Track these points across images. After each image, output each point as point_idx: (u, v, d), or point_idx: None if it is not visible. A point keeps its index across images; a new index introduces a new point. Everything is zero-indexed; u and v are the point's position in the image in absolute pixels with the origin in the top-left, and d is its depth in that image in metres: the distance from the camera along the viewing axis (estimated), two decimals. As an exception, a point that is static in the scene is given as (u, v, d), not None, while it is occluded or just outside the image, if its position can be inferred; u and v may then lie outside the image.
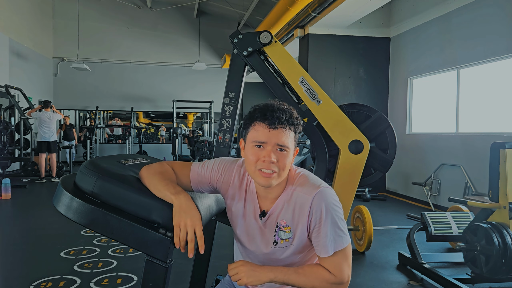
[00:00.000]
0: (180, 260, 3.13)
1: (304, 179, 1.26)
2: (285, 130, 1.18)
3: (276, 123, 1.16)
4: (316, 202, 1.20)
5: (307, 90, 3.54)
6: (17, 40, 9.66)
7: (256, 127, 1.19)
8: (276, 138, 1.17)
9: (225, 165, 1.33)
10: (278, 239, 1.27)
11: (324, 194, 1.21)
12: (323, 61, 7.07)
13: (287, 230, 1.26)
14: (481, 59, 5.22)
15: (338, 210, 1.22)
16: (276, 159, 1.17)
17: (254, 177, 1.21)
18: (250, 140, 1.21)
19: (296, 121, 1.21)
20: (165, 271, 1.12)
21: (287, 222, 1.25)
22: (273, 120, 1.16)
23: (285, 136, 1.18)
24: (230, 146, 3.74)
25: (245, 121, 1.24)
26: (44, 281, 2.91)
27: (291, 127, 1.19)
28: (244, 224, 1.32)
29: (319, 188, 1.22)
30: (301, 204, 1.23)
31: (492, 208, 2.97)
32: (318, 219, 1.20)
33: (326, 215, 1.19)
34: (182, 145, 10.66)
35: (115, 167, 1.27)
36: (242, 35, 3.70)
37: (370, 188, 6.79)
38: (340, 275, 1.21)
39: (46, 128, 7.90)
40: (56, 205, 1.17)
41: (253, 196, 1.30)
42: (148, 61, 12.70)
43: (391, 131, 3.65)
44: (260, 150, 1.18)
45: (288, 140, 1.18)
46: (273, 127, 1.17)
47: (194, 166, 1.33)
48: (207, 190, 1.35)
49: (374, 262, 3.52)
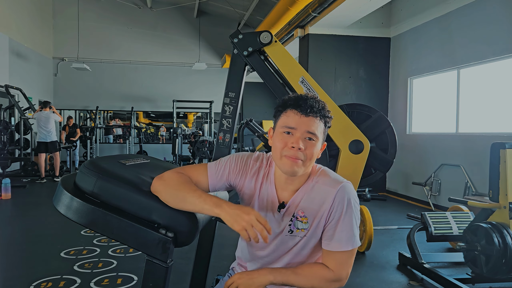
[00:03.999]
0: (180, 260, 3.13)
1: (326, 174, 1.28)
2: (315, 119, 1.18)
3: (308, 110, 1.18)
4: (340, 195, 1.21)
5: (307, 90, 3.54)
6: (17, 40, 9.66)
7: (288, 113, 1.20)
8: (306, 125, 1.17)
9: (241, 159, 1.32)
10: (294, 228, 1.26)
11: (348, 189, 1.23)
12: (323, 61, 7.07)
13: (303, 221, 1.25)
14: (481, 59, 5.22)
15: (358, 207, 1.24)
16: (304, 147, 1.17)
17: (280, 164, 1.20)
18: (280, 125, 1.21)
19: (328, 114, 1.22)
20: (165, 271, 1.12)
21: (305, 213, 1.25)
22: (305, 107, 1.18)
23: (315, 125, 1.18)
24: (230, 146, 3.74)
25: (277, 108, 1.25)
26: (44, 281, 2.91)
27: (322, 118, 1.20)
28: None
29: (343, 182, 1.23)
30: (323, 196, 1.23)
31: (492, 208, 2.97)
32: (339, 212, 1.21)
33: (347, 210, 1.21)
34: (182, 145, 10.66)
35: (115, 167, 1.27)
36: (242, 35, 3.70)
37: (370, 188, 6.79)
38: (339, 272, 1.22)
39: (43, 128, 7.92)
40: (56, 205, 1.17)
41: (272, 188, 1.29)
42: (148, 61, 12.70)
43: (391, 131, 3.65)
44: (288, 136, 1.19)
45: (318, 129, 1.19)
46: (304, 114, 1.18)
47: (211, 169, 1.30)
48: (223, 188, 1.33)
49: (374, 262, 3.52)
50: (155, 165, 1.49)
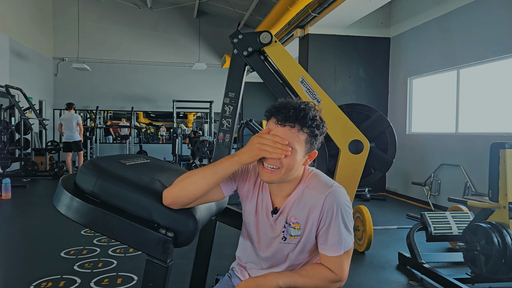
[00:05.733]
0: (180, 260, 3.13)
1: (317, 178, 1.27)
2: (293, 130, 1.13)
3: (284, 120, 1.13)
4: (329, 201, 1.21)
5: (307, 90, 3.54)
6: (17, 40, 9.66)
7: (270, 120, 1.18)
8: (282, 135, 1.13)
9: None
10: (287, 235, 1.27)
11: (337, 193, 1.22)
12: (323, 61, 7.07)
13: (296, 227, 1.26)
14: (481, 59, 5.22)
15: (349, 210, 1.24)
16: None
17: (260, 173, 1.21)
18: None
19: (314, 122, 1.15)
20: (165, 271, 1.13)
21: (297, 219, 1.26)
22: (284, 116, 1.13)
23: (291, 135, 1.13)
24: (230, 146, 3.74)
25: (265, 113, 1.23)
26: (44, 281, 2.91)
27: (303, 128, 1.14)
28: (256, 221, 1.33)
29: (332, 187, 1.22)
30: (313, 202, 1.23)
31: (492, 208, 2.97)
32: (329, 218, 1.21)
33: (337, 214, 1.21)
34: (182, 145, 10.66)
35: (115, 167, 1.27)
36: (242, 35, 3.70)
37: (370, 188, 6.79)
38: (340, 273, 1.24)
39: (66, 128, 8.51)
40: (56, 205, 1.18)
41: (266, 193, 1.30)
42: (148, 61, 12.70)
43: (391, 131, 3.65)
44: None
45: (295, 140, 1.14)
46: (281, 123, 1.14)
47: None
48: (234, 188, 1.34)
49: (374, 262, 3.52)
50: (155, 165, 1.49)
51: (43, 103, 11.44)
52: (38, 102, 10.74)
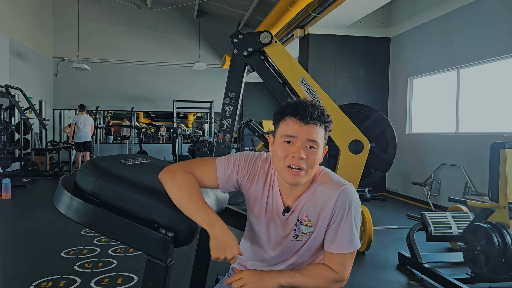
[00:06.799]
0: (180, 260, 3.13)
1: (328, 176, 1.28)
2: (316, 126, 1.17)
3: (308, 118, 1.16)
4: (342, 198, 1.22)
5: (307, 90, 3.54)
6: (17, 40, 9.66)
7: (287, 121, 1.19)
8: (306, 133, 1.16)
9: (251, 160, 1.31)
10: (299, 232, 1.28)
11: (350, 191, 1.24)
12: (323, 61, 7.07)
13: (308, 225, 1.27)
14: (481, 59, 5.22)
15: (359, 209, 1.26)
16: (306, 156, 1.16)
17: (282, 174, 1.20)
18: (280, 135, 1.20)
19: (327, 119, 1.20)
20: (165, 271, 1.13)
21: (309, 217, 1.26)
22: (304, 115, 1.16)
23: (315, 132, 1.17)
24: (230, 146, 3.74)
25: (276, 116, 1.24)
26: (44, 281, 2.91)
27: (322, 124, 1.19)
28: (266, 220, 1.32)
29: (345, 185, 1.24)
30: (325, 199, 1.24)
31: (492, 208, 2.97)
32: (341, 215, 1.22)
33: (349, 212, 1.22)
34: (182, 145, 10.66)
35: (115, 167, 1.27)
36: (242, 35, 3.70)
37: (370, 188, 6.79)
38: (342, 273, 1.25)
39: (81, 129, 8.89)
40: (56, 205, 1.18)
41: (276, 193, 1.30)
42: (148, 61, 12.70)
43: (391, 131, 3.65)
44: (289, 146, 1.18)
45: (319, 136, 1.18)
46: (304, 122, 1.16)
47: (220, 166, 1.29)
48: (233, 188, 1.32)
49: (374, 262, 3.52)
50: (155, 165, 1.49)
51: (43, 103, 11.44)
52: (38, 102, 10.74)
